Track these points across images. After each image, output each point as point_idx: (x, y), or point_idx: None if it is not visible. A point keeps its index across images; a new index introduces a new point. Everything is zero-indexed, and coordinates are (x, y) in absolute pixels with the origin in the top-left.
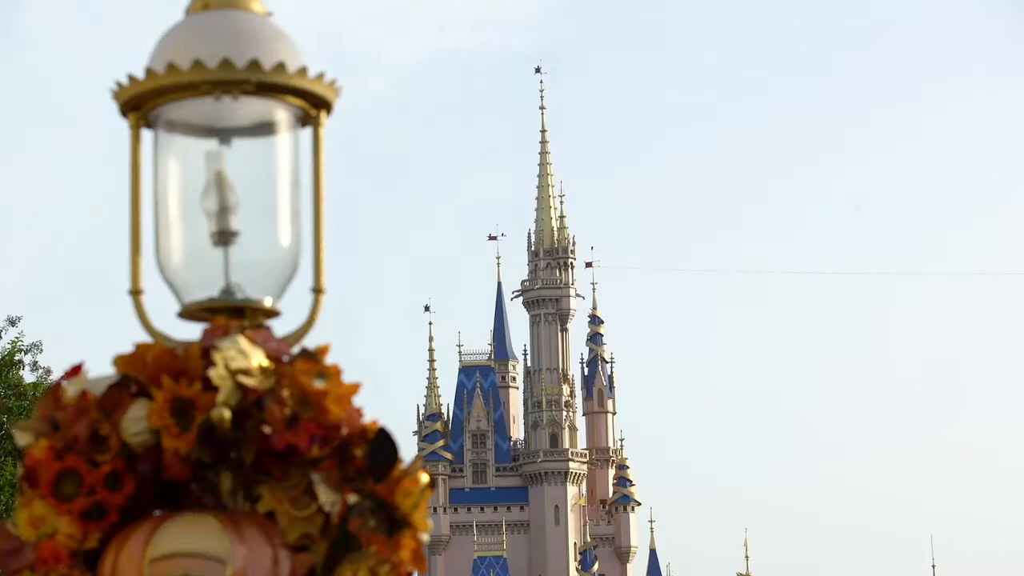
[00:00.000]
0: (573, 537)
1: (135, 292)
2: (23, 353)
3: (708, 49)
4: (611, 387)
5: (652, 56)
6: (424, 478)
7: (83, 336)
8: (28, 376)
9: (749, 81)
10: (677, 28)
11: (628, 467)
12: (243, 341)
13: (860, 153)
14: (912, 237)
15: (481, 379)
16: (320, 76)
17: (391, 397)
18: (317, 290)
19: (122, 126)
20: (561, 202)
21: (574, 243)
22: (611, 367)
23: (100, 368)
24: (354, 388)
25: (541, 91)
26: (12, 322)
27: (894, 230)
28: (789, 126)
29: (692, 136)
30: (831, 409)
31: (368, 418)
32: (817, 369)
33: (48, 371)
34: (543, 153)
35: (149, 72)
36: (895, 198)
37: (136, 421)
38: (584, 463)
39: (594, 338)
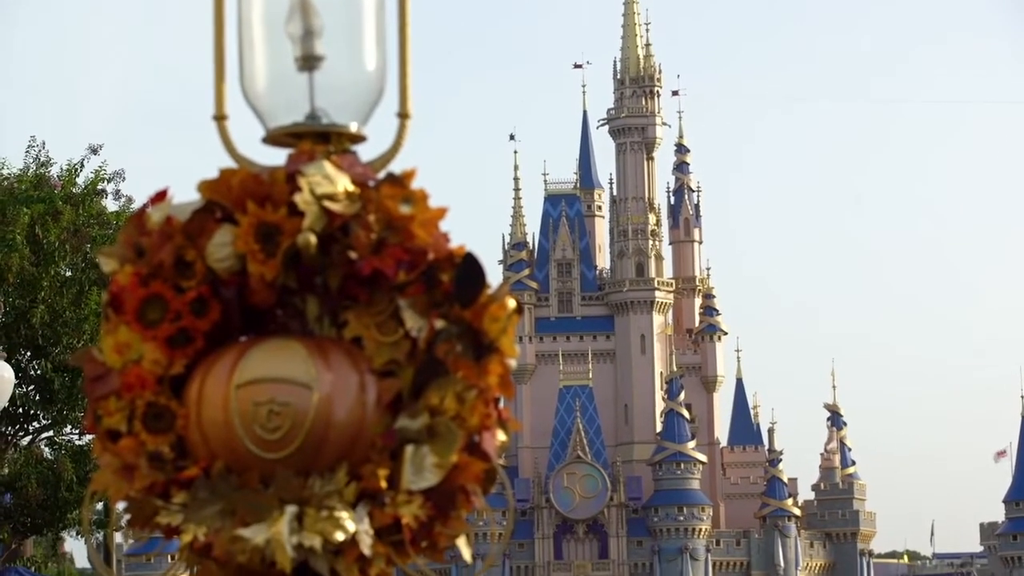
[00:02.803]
0: (659, 366)
1: (219, 118)
2: (106, 182)
3: None
4: (697, 216)
5: None
6: (511, 303)
7: (166, 165)
8: (111, 205)
9: None
10: None
11: (714, 296)
12: (328, 166)
13: None
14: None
15: (567, 208)
16: None
17: (476, 226)
18: (403, 115)
19: None
20: (647, 30)
21: (660, 71)
22: (697, 196)
23: (184, 196)
24: (441, 213)
25: None
26: (94, 150)
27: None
28: None
29: None
30: (921, 239)
31: (454, 244)
32: (906, 197)
33: (131, 200)
34: None
35: None
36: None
37: (221, 247)
38: (670, 292)
39: (680, 167)
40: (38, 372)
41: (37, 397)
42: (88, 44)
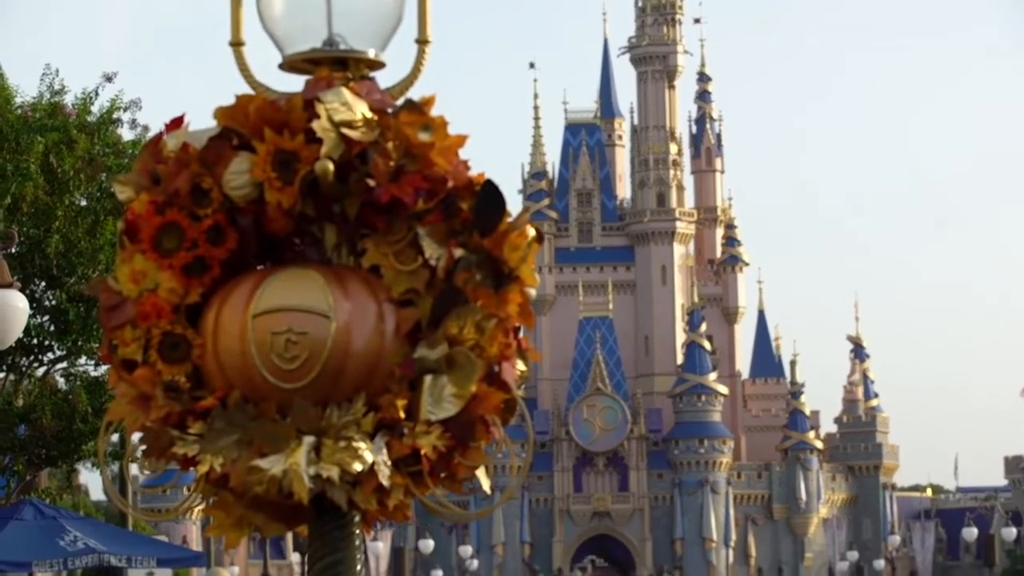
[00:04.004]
0: (680, 298)
1: (236, 44)
2: (122, 111)
3: None
4: (719, 145)
5: None
6: (531, 232)
7: (182, 94)
8: (127, 134)
9: None
10: None
11: (736, 226)
12: (347, 93)
13: None
14: None
15: (587, 137)
16: None
17: (495, 156)
18: (422, 41)
19: None
20: None
21: None
22: (719, 125)
23: (200, 124)
24: (460, 140)
25: None
26: (109, 78)
27: None
28: None
29: None
30: (948, 169)
31: (474, 172)
32: (931, 127)
33: (147, 128)
34: None
35: None
36: None
37: (238, 174)
38: (691, 222)
39: (702, 95)
40: (53, 302)
41: (52, 328)
42: None
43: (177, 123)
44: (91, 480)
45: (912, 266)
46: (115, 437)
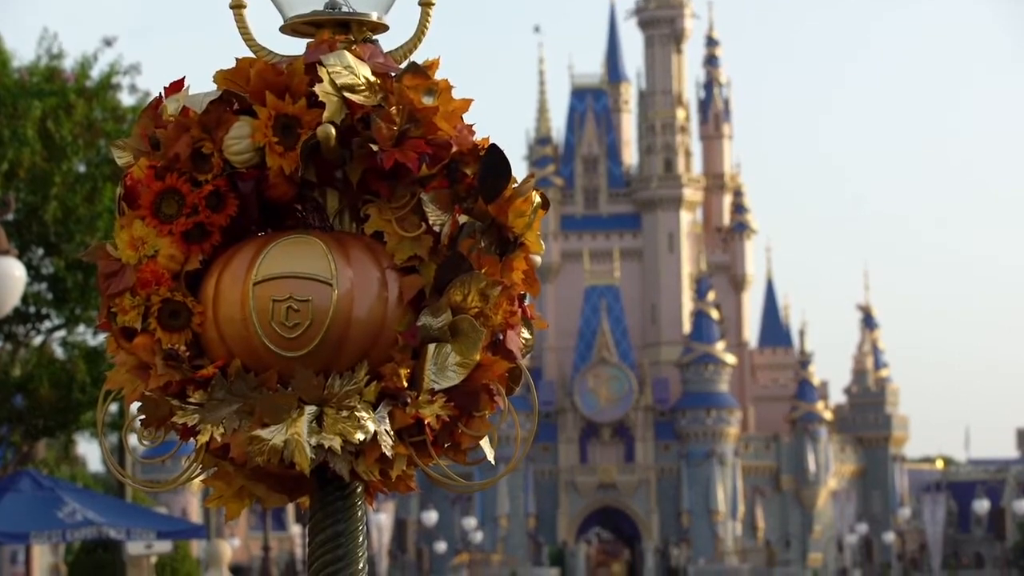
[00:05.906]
0: (687, 265)
1: (236, 6)
2: (121, 75)
3: None
4: (727, 111)
5: None
6: (537, 197)
7: (182, 58)
8: (126, 99)
9: None
10: None
11: (744, 193)
12: (349, 56)
13: None
14: None
15: (593, 102)
16: None
17: (500, 121)
18: (425, 3)
19: None
20: None
21: None
22: (727, 90)
23: (200, 89)
24: (465, 104)
25: None
26: (108, 43)
27: None
28: None
29: None
30: (958, 135)
31: (478, 137)
32: (946, 86)
33: (146, 93)
34: None
35: None
36: None
37: (239, 139)
38: (699, 189)
39: (710, 60)
40: (50, 270)
41: (49, 296)
42: None
43: (177, 87)
44: (89, 451)
45: (923, 234)
46: (114, 407)
